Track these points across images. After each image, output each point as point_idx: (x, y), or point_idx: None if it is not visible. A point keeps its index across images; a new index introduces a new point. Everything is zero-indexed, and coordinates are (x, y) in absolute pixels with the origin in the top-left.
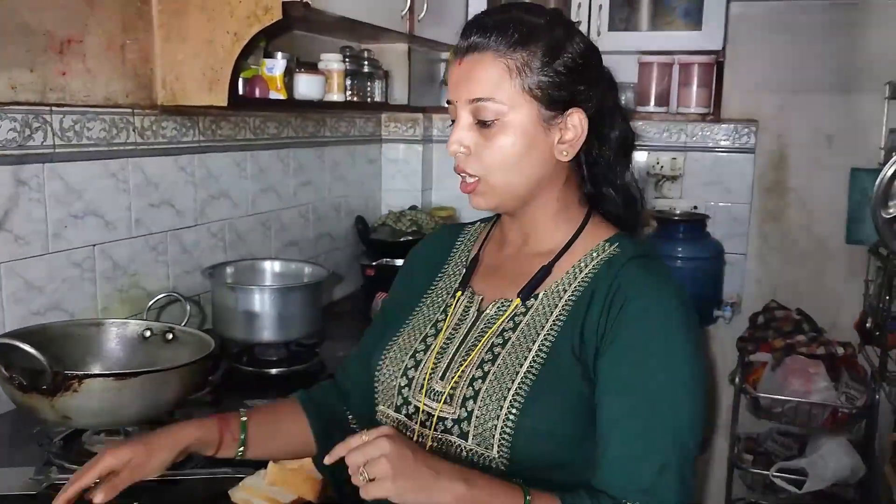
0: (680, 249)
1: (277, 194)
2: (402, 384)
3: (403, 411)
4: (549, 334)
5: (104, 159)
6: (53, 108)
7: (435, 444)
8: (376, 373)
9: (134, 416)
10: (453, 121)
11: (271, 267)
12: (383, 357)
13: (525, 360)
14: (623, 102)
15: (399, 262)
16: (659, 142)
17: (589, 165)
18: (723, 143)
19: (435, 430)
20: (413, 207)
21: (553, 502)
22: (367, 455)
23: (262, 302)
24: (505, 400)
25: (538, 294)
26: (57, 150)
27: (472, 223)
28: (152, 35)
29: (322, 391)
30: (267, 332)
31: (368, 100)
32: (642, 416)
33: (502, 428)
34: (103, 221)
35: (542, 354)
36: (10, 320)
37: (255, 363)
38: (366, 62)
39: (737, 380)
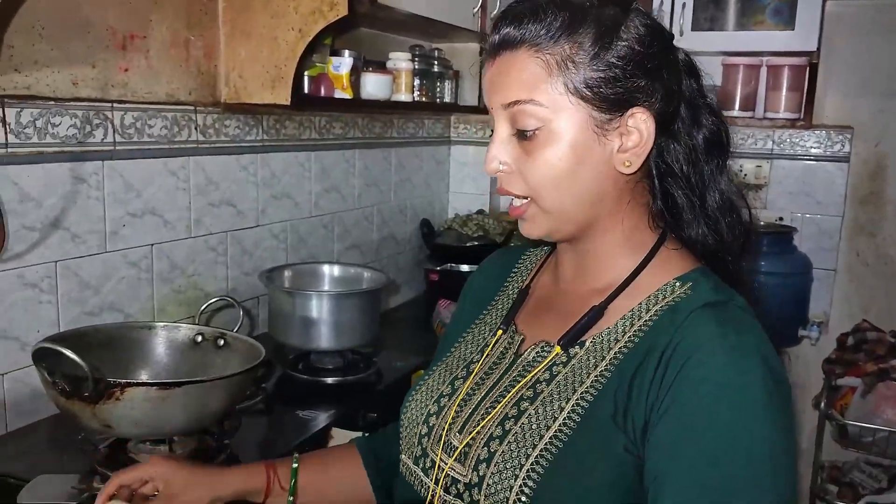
0: (763, 264)
1: (341, 195)
2: (423, 432)
3: (421, 464)
4: (587, 393)
5: (164, 157)
6: (115, 105)
7: None
8: (402, 416)
9: (178, 427)
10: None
11: (330, 271)
12: (410, 399)
13: (554, 421)
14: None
15: (464, 267)
16: (743, 148)
17: (661, 176)
18: (813, 150)
19: (446, 491)
20: (480, 212)
21: None
22: None
23: (319, 308)
24: (521, 469)
25: (585, 342)
26: (117, 148)
27: (535, 248)
28: (217, 32)
29: (383, 437)
30: (324, 340)
31: (437, 100)
32: None
33: (515, 501)
34: (162, 220)
35: (576, 417)
36: (64, 320)
37: (310, 371)
38: (435, 62)
39: (822, 405)
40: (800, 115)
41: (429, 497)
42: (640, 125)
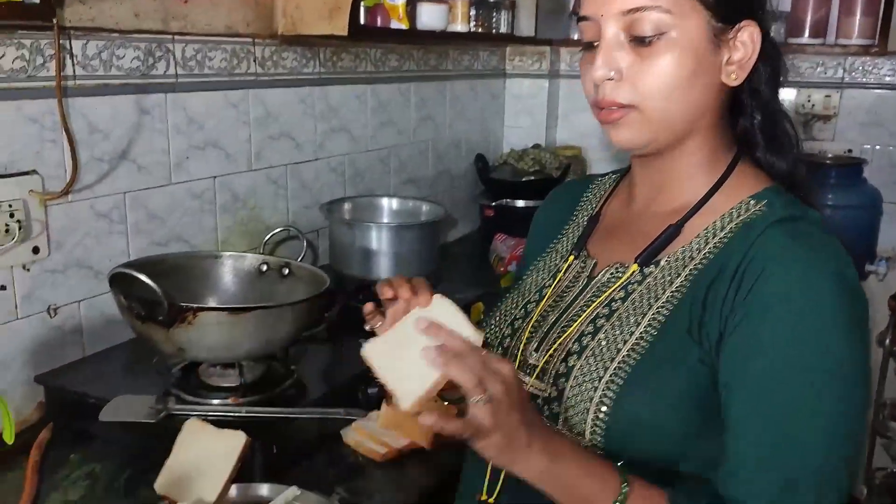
0: (830, 197)
1: (397, 129)
2: (498, 354)
3: None
4: (663, 308)
5: (225, 90)
6: (176, 37)
7: None
8: None
9: (248, 351)
10: (589, 44)
11: (389, 204)
12: (485, 324)
13: (631, 335)
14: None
15: (520, 202)
16: (811, 77)
17: (747, 96)
18: (888, 78)
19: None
20: (536, 146)
21: (657, 498)
22: (487, 370)
23: (378, 239)
24: (601, 381)
25: (660, 260)
26: (179, 80)
27: (604, 175)
28: None
29: None
30: (383, 271)
31: (493, 31)
32: (772, 418)
33: (595, 413)
34: (224, 153)
35: (652, 331)
36: (133, 250)
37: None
38: None
39: (887, 341)
40: (874, 42)
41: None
42: (749, 38)
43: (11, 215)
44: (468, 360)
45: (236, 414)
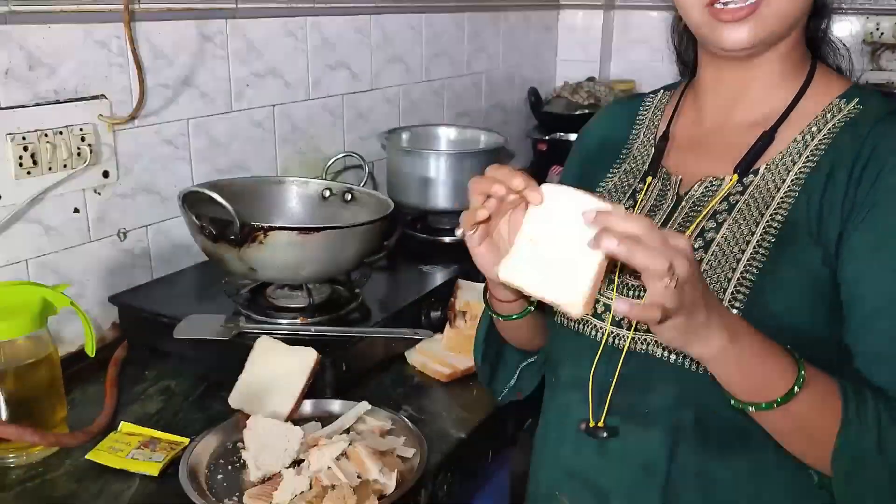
0: None
1: (451, 61)
2: None
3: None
4: (776, 213)
5: (284, 17)
6: None
7: (635, 348)
8: None
9: (314, 273)
10: None
11: (447, 133)
12: None
13: (748, 244)
14: None
15: (573, 136)
16: (880, 4)
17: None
18: None
19: (636, 331)
20: (590, 79)
21: (830, 385)
22: (671, 249)
23: (437, 168)
24: (725, 293)
25: (758, 169)
26: (239, 7)
27: (653, 92)
28: None
29: None
30: (441, 200)
31: None
32: None
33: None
34: (283, 82)
35: (770, 238)
36: (197, 176)
37: (428, 231)
38: None
39: None
40: None
41: (604, 338)
42: None
43: (83, 139)
44: (651, 242)
45: (305, 333)
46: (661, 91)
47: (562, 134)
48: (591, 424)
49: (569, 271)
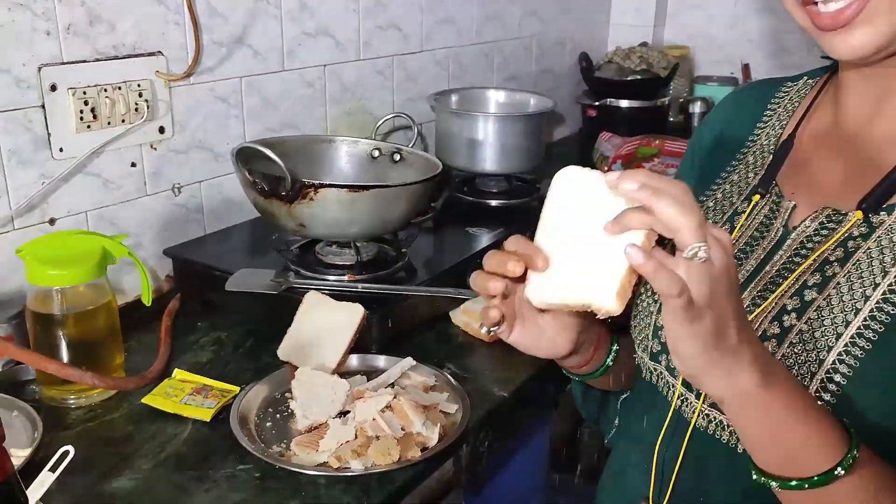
0: None
1: (502, 23)
2: (660, 324)
3: (662, 361)
4: None
5: None
6: None
7: (701, 424)
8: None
9: (363, 231)
10: None
11: (496, 96)
12: (636, 311)
13: (855, 315)
14: None
15: (624, 102)
16: None
17: None
18: None
19: (705, 402)
20: (643, 44)
21: (888, 478)
22: (705, 224)
23: (485, 130)
24: (813, 379)
25: (894, 206)
26: None
27: (794, 78)
28: None
29: None
30: (489, 162)
31: None
32: None
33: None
34: (334, 42)
35: (889, 308)
36: (249, 134)
37: (475, 193)
38: None
39: None
40: None
41: (675, 405)
42: None
43: (140, 94)
44: (685, 201)
45: (352, 289)
46: (804, 79)
47: (612, 100)
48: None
49: (597, 266)
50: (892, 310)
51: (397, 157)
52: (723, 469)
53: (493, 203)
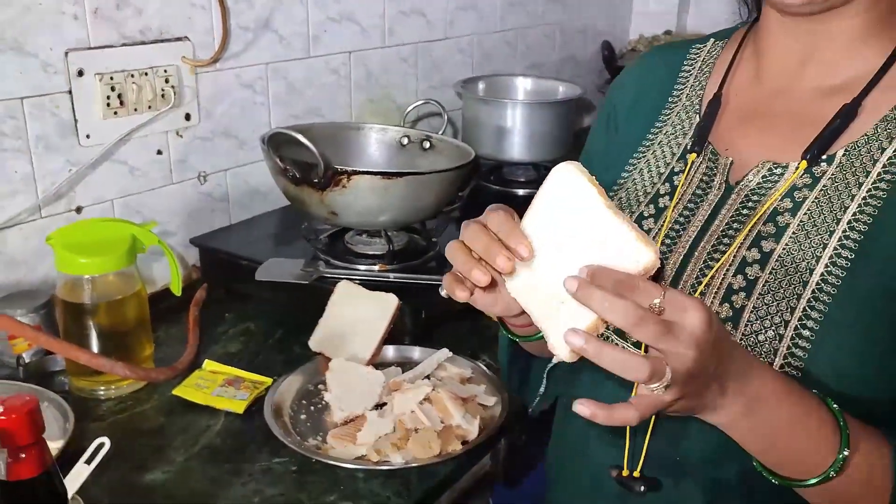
0: None
1: (525, 9)
2: None
3: (612, 326)
4: (857, 221)
5: None
6: None
7: None
8: None
9: (394, 219)
10: None
11: (523, 84)
12: None
13: (817, 261)
14: None
15: None
16: None
17: None
18: None
19: None
20: (667, 32)
21: (878, 455)
22: (672, 336)
23: (513, 117)
24: (786, 327)
25: (834, 154)
26: None
27: (701, 41)
28: None
29: None
30: (517, 151)
31: None
32: None
33: (781, 370)
34: (359, 28)
35: (847, 254)
36: (274, 121)
37: (502, 182)
38: None
39: None
40: None
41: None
42: None
43: (166, 81)
44: (645, 335)
45: (384, 279)
46: (712, 40)
47: None
48: (626, 473)
49: (566, 306)
50: (850, 255)
51: (427, 144)
52: (698, 423)
53: (521, 192)
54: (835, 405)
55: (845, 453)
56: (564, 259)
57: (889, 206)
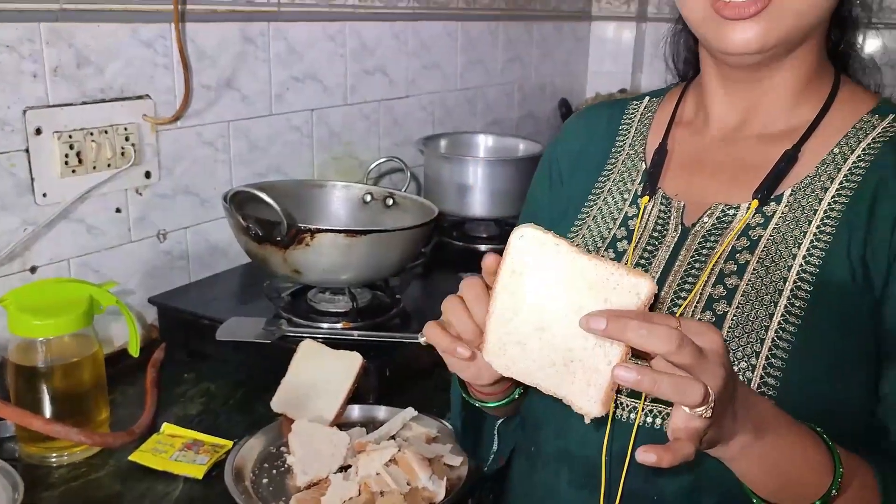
0: None
1: (485, 68)
2: None
3: None
4: (811, 254)
5: (324, 21)
6: None
7: (646, 421)
8: None
9: (357, 277)
10: None
11: (484, 141)
12: None
13: (780, 294)
14: None
15: None
16: None
17: (845, 13)
18: None
19: (647, 399)
20: (622, 91)
21: (868, 477)
22: (704, 363)
23: (475, 175)
24: (758, 358)
25: (782, 194)
26: (281, 10)
27: (636, 99)
28: None
29: None
30: (479, 207)
31: None
32: None
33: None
34: (321, 86)
35: (806, 286)
36: (236, 179)
37: (465, 238)
38: None
39: None
40: None
41: (617, 415)
42: None
43: (126, 139)
44: (684, 359)
45: (348, 337)
46: (647, 98)
47: None
48: None
49: (576, 361)
50: (809, 287)
51: (390, 201)
52: None
53: (484, 248)
54: (825, 435)
55: (841, 470)
56: (556, 319)
57: (837, 240)
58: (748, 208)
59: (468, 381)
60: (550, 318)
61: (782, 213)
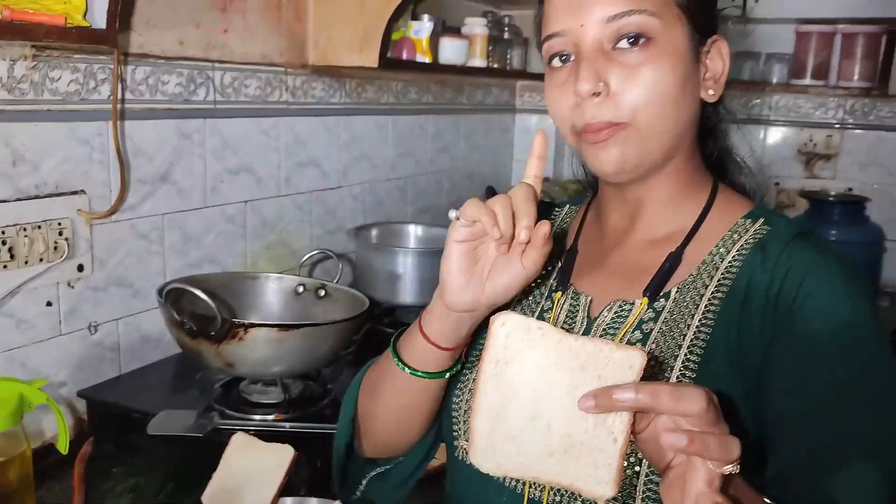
0: (834, 233)
1: (415, 160)
2: None
3: None
4: (694, 346)
5: (258, 117)
6: (216, 65)
7: (554, 500)
8: (454, 410)
9: (290, 369)
10: (563, 57)
11: (414, 231)
12: (461, 388)
13: (668, 381)
14: (776, 73)
15: None
16: (813, 118)
17: (716, 119)
18: (888, 120)
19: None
20: (546, 179)
21: None
22: (722, 421)
23: (405, 264)
24: None
25: (669, 292)
26: (217, 106)
27: (559, 205)
28: None
29: None
30: (409, 295)
31: (507, 67)
32: (851, 438)
33: (646, 485)
34: (255, 178)
35: (690, 373)
36: (169, 270)
37: (396, 325)
38: (506, 28)
39: None
40: (874, 84)
41: (527, 493)
42: (721, 53)
43: (60, 233)
44: (710, 417)
45: (280, 429)
46: (568, 205)
47: None
48: None
49: (578, 444)
50: (692, 374)
51: (322, 292)
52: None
53: None
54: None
55: None
56: (550, 404)
57: (717, 332)
58: (639, 304)
59: (446, 305)
60: (545, 404)
61: (670, 309)
